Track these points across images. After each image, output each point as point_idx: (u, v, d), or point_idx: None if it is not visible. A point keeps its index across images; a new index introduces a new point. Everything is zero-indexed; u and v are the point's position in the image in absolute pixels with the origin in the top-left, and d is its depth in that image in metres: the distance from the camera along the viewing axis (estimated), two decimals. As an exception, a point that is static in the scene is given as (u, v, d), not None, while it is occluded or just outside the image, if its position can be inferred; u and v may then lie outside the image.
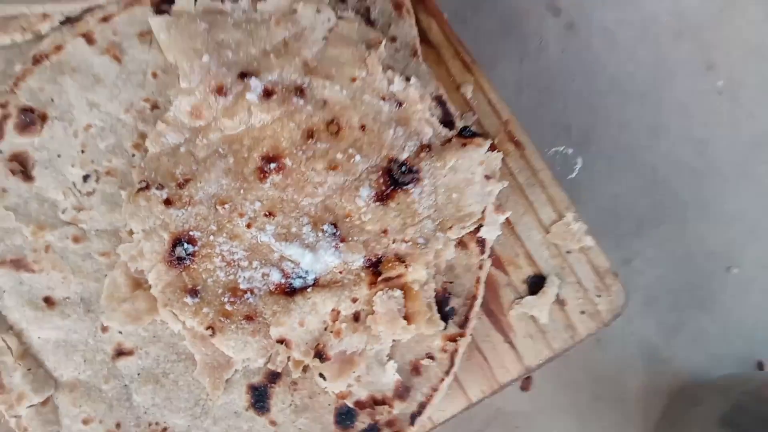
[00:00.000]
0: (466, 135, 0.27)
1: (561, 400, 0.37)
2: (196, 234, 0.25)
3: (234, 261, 0.25)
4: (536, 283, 0.28)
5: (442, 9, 0.39)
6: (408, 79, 0.27)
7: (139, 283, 0.25)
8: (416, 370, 0.26)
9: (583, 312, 0.28)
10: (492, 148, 0.27)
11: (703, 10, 0.44)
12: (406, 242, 0.25)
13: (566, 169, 0.41)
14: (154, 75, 0.27)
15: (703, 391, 0.34)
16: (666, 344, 0.38)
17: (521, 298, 0.28)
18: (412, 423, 0.25)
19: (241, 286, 0.24)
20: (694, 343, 0.38)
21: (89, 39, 0.27)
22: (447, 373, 0.26)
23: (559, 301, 0.28)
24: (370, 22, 0.30)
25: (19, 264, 0.25)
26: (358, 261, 0.25)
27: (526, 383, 0.37)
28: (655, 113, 0.42)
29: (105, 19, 0.27)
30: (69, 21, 0.27)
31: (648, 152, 0.42)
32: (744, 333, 0.38)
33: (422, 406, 0.25)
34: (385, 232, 0.25)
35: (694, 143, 0.42)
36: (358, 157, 0.26)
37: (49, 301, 0.25)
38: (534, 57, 0.43)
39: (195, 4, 0.27)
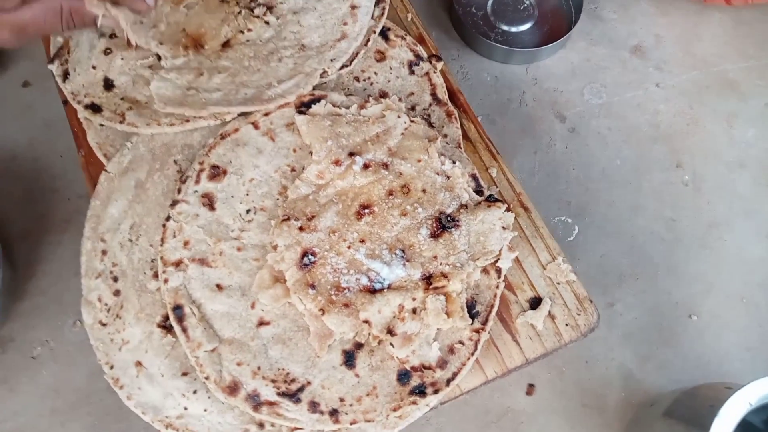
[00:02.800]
0: (491, 200, 0.41)
1: (556, 405, 0.48)
2: (317, 250, 0.39)
3: (338, 269, 0.38)
4: (535, 302, 0.41)
5: (478, 113, 0.55)
6: (454, 162, 0.42)
7: (278, 279, 0.38)
8: (451, 350, 0.38)
9: (567, 324, 0.41)
10: (507, 209, 0.41)
11: (675, 123, 0.59)
12: (448, 265, 0.39)
13: (567, 233, 0.54)
14: (295, 150, 0.42)
15: (659, 397, 0.45)
16: (639, 369, 0.50)
17: (524, 311, 0.41)
18: (447, 385, 0.37)
19: (342, 285, 0.38)
20: (660, 370, 0.49)
21: (255, 125, 0.42)
22: (472, 354, 0.38)
23: (551, 316, 0.41)
24: (430, 124, 0.45)
25: (203, 262, 0.39)
26: (417, 275, 0.38)
27: (530, 390, 0.48)
28: (636, 196, 0.56)
29: (266, 114, 0.43)
30: (243, 114, 0.43)
31: (629, 225, 0.55)
32: (700, 365, 0.50)
33: (454, 375, 0.38)
34: (435, 257, 0.39)
35: (665, 220, 0.55)
36: (420, 209, 0.40)
37: (219, 287, 0.39)
38: (544, 151, 0.57)
39: (323, 108, 0.42)
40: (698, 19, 0.63)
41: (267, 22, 0.45)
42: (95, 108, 0.44)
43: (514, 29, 0.61)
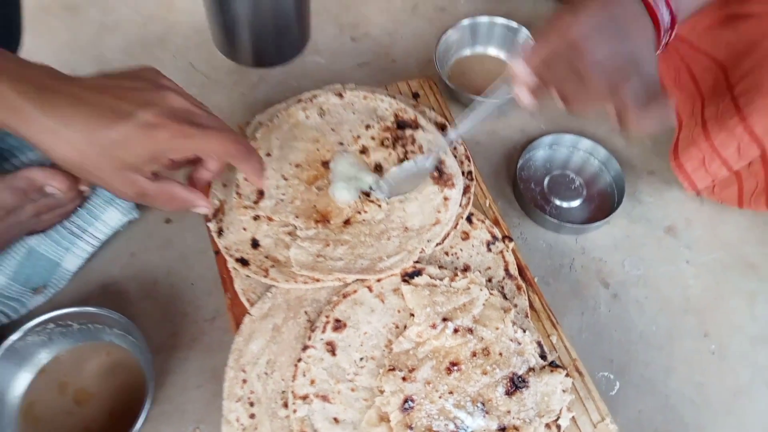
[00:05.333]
0: (553, 366, 0.51)
1: None
2: (415, 397, 0.49)
3: (431, 415, 0.48)
4: (587, 456, 0.50)
5: (534, 275, 0.65)
6: (524, 331, 0.53)
7: (383, 418, 0.49)
8: (519, 493, 0.47)
9: (613, 478, 0.49)
10: (566, 374, 0.51)
11: (703, 297, 0.69)
12: (519, 420, 0.48)
13: (609, 388, 0.63)
14: (399, 311, 0.54)
15: None
16: None
17: (578, 463, 0.50)
18: None
19: (434, 428, 0.48)
20: None
21: (369, 289, 0.54)
22: (535, 498, 0.47)
23: (600, 469, 0.49)
24: (504, 296, 0.56)
25: (324, 398, 0.50)
26: (494, 426, 0.48)
27: None
28: (669, 360, 0.65)
29: (378, 280, 0.55)
30: (360, 279, 0.55)
31: (663, 385, 0.64)
32: None
33: None
34: (509, 412, 0.49)
35: (694, 384, 0.64)
36: (497, 370, 0.50)
37: (336, 420, 0.49)
38: (590, 312, 0.68)
39: (423, 280, 0.54)
40: (723, 206, 0.75)
41: (379, 206, 0.59)
42: (243, 262, 0.57)
43: (566, 205, 0.74)
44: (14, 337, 0.56)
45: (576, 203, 0.74)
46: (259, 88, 0.81)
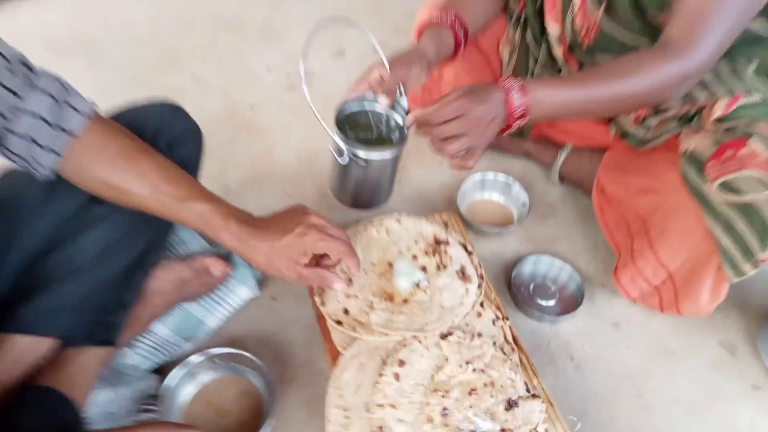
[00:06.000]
0: (534, 396, 0.82)
1: None
2: (449, 408, 0.79)
3: (458, 419, 0.79)
4: (555, 453, 0.79)
5: (526, 346, 0.97)
6: (515, 374, 0.84)
7: (430, 420, 0.78)
8: (513, 470, 0.76)
9: (571, 468, 0.78)
10: (542, 402, 0.82)
11: (638, 371, 1.01)
12: (513, 426, 0.79)
13: (573, 425, 0.93)
14: (438, 357, 0.85)
15: None
16: None
17: (550, 458, 0.79)
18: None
19: (460, 427, 0.78)
20: None
21: (420, 342, 0.86)
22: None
23: (563, 462, 0.79)
24: (504, 353, 0.88)
25: (393, 406, 0.80)
26: (497, 428, 0.78)
27: None
28: (614, 411, 0.96)
29: (425, 337, 0.87)
30: (414, 336, 0.87)
31: (611, 428, 0.94)
32: None
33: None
34: (506, 420, 0.79)
35: (631, 428, 0.94)
36: (500, 395, 0.81)
37: (400, 420, 0.79)
38: (561, 376, 0.99)
39: (455, 338, 0.87)
40: (650, 310, 1.09)
41: (425, 292, 0.93)
42: (339, 322, 0.89)
43: (545, 303, 1.08)
44: (196, 359, 0.88)
45: (552, 302, 1.09)
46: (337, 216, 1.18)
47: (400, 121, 1.04)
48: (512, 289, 1.08)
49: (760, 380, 1.00)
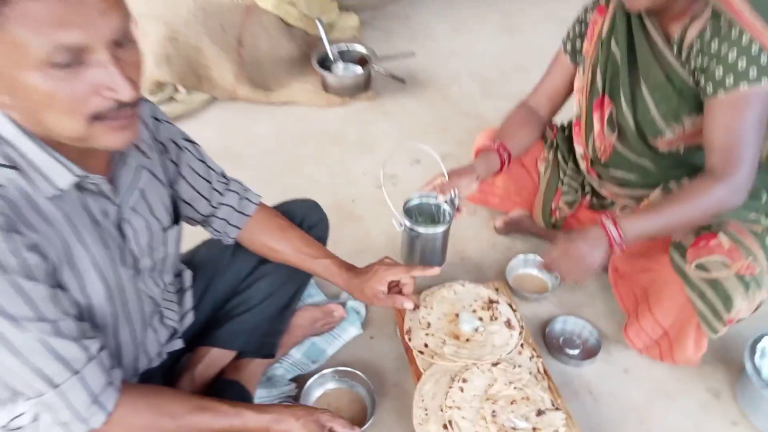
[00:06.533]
0: (557, 408, 1.18)
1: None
2: (497, 412, 1.17)
3: (504, 420, 1.15)
4: (572, 448, 1.14)
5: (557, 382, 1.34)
6: (544, 392, 1.21)
7: (484, 418, 1.16)
8: (541, 454, 1.11)
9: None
10: (564, 414, 1.17)
11: (642, 406, 1.35)
12: (541, 428, 1.14)
13: (590, 440, 1.27)
14: (490, 378, 1.24)
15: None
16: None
17: (568, 451, 1.13)
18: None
19: (505, 425, 1.14)
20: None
21: (477, 367, 1.25)
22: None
23: (577, 454, 1.13)
24: (537, 379, 1.25)
25: (459, 408, 1.18)
26: (530, 427, 1.14)
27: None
28: (622, 431, 1.29)
29: (482, 364, 1.26)
30: (474, 363, 1.26)
31: None
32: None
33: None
34: (537, 422, 1.15)
35: (634, 444, 1.26)
36: (533, 406, 1.18)
37: (463, 417, 1.16)
38: (581, 406, 1.34)
39: (500, 367, 1.25)
40: (653, 360, 1.43)
41: (482, 335, 1.32)
42: (421, 352, 1.29)
43: (571, 351, 1.45)
44: (327, 371, 1.30)
45: (576, 351, 1.45)
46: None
47: (449, 210, 1.47)
48: (546, 340, 1.46)
49: (738, 419, 1.31)
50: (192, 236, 1.22)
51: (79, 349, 0.82)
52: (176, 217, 1.07)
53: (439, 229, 1.46)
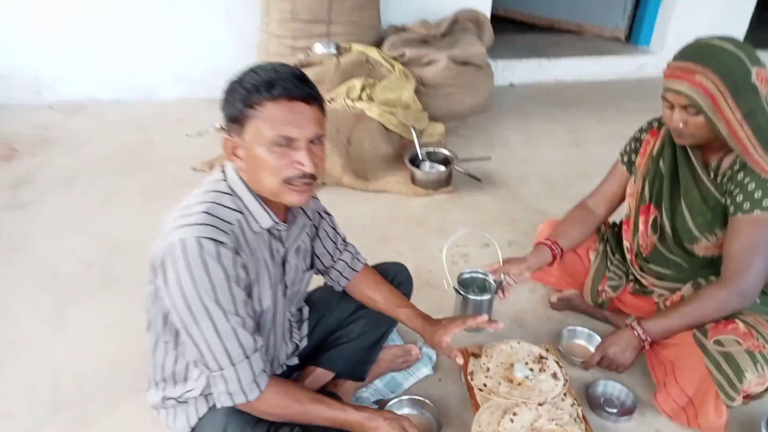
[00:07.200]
0: (583, 419, 1.44)
1: None
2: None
3: (542, 427, 1.43)
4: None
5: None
6: (576, 423, 1.48)
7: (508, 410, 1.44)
8: (573, 476, 1.37)
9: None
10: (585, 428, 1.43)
11: (669, 459, 1.57)
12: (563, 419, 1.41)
13: None
14: (537, 415, 1.53)
15: None
16: None
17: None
18: None
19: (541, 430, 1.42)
20: None
21: (526, 405, 1.55)
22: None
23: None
24: (575, 421, 1.52)
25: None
26: (566, 454, 1.41)
27: None
28: (649, 478, 1.52)
29: (530, 404, 1.55)
30: (523, 402, 1.56)
31: (645, 486, 1.49)
32: None
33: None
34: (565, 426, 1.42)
35: (659, 489, 1.48)
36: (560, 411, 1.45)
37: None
38: None
39: (546, 406, 1.54)
40: (681, 426, 1.65)
41: (531, 381, 1.62)
42: (480, 389, 1.61)
43: (609, 410, 1.70)
44: (404, 398, 1.64)
45: (614, 410, 1.70)
46: (483, 339, 1.94)
47: (494, 284, 1.85)
48: (588, 398, 1.73)
49: (756, 479, 1.50)
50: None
51: (253, 342, 1.23)
52: (311, 264, 1.52)
53: (485, 297, 1.84)
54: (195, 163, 2.96)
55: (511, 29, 4.87)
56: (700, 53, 1.45)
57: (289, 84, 1.14)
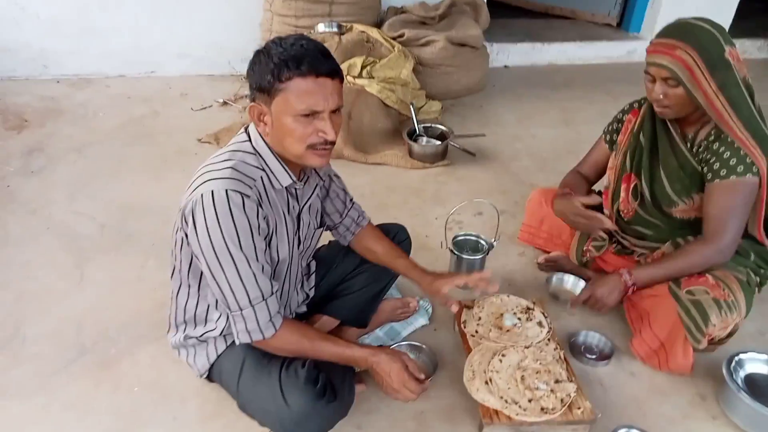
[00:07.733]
0: (570, 382, 1.60)
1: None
2: (525, 377, 1.61)
3: (533, 381, 1.59)
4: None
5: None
6: (562, 369, 1.64)
7: (516, 381, 1.60)
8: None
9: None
10: (575, 386, 1.59)
11: (644, 404, 1.74)
12: (559, 391, 1.57)
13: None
14: (523, 356, 1.69)
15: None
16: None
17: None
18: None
19: (531, 386, 1.58)
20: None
21: (514, 348, 1.71)
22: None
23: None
24: (557, 361, 1.68)
25: (494, 372, 1.63)
26: (548, 389, 1.57)
27: None
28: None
29: (517, 347, 1.71)
30: (511, 345, 1.71)
31: None
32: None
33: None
34: (554, 387, 1.58)
35: None
36: (551, 375, 1.61)
37: (496, 372, 1.61)
38: (594, 395, 1.75)
39: (531, 348, 1.70)
40: (654, 370, 1.82)
41: (519, 328, 1.78)
42: (472, 335, 1.76)
43: (589, 356, 1.87)
44: (402, 343, 1.80)
45: (594, 356, 1.87)
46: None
47: (485, 245, 2.02)
48: (571, 346, 1.89)
49: (718, 414, 1.67)
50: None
51: (269, 286, 1.38)
52: (321, 223, 1.66)
53: (477, 256, 2.00)
54: (200, 135, 3.08)
55: (506, 14, 4.99)
56: (680, 31, 1.61)
57: (316, 60, 1.26)
